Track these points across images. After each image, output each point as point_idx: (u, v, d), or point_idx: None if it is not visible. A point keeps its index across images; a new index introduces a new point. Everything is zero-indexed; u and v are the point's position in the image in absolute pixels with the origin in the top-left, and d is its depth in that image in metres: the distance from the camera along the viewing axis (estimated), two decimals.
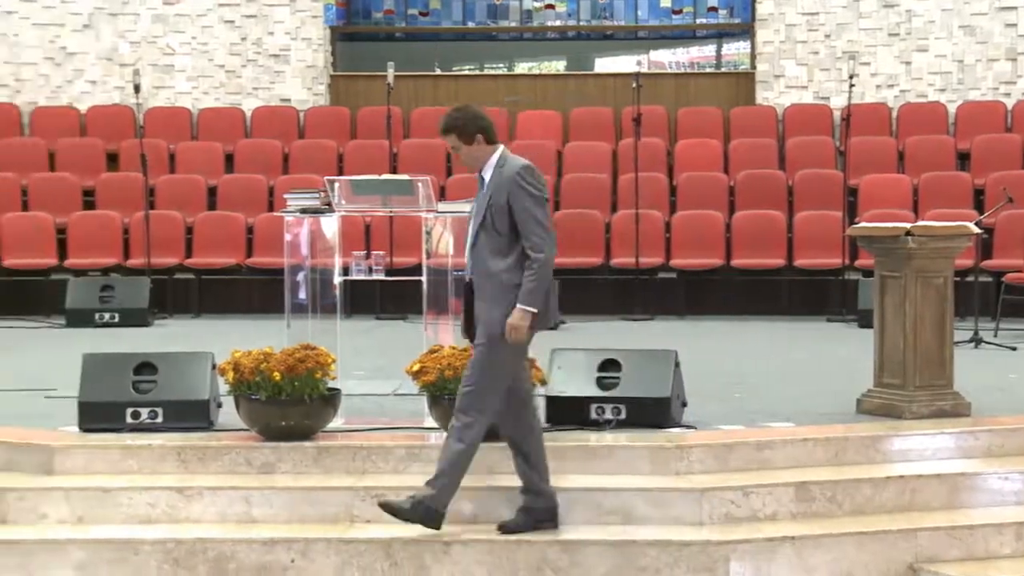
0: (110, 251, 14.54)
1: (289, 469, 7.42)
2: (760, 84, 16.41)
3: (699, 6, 18.22)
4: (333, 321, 8.47)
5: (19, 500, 7.19)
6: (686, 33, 18.78)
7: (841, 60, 15.69)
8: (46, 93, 16.64)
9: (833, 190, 14.64)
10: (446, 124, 6.92)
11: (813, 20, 16.26)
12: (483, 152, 6.88)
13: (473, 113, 6.92)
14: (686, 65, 18.75)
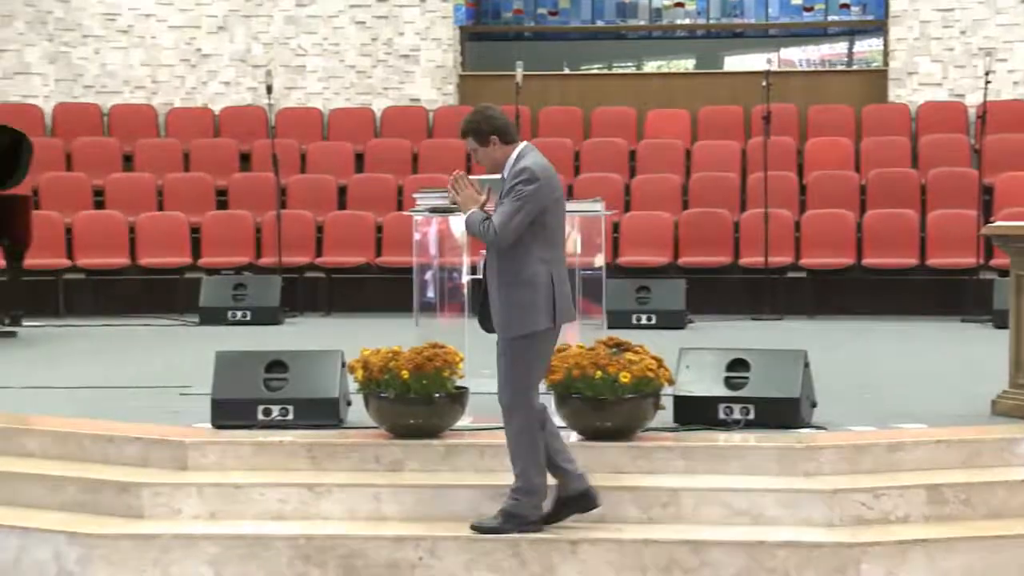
0: (242, 250, 14.73)
1: (417, 467, 7.46)
2: (893, 81, 16.20)
3: (831, 3, 18.02)
4: (461, 319, 8.50)
5: (154, 496, 7.30)
6: (817, 31, 18.58)
7: (977, 57, 15.45)
8: (181, 94, 16.90)
9: (968, 189, 14.42)
10: (463, 127, 6.91)
11: (948, 16, 16.02)
12: (501, 153, 6.83)
13: (488, 114, 6.89)
14: (817, 63, 18.55)
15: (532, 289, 6.71)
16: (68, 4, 16.72)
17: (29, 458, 7.87)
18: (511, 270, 6.73)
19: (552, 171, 6.84)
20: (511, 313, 6.73)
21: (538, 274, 6.71)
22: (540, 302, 6.70)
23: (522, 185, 6.69)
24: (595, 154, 15.83)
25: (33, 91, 16.65)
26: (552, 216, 6.78)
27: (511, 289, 6.73)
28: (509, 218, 6.66)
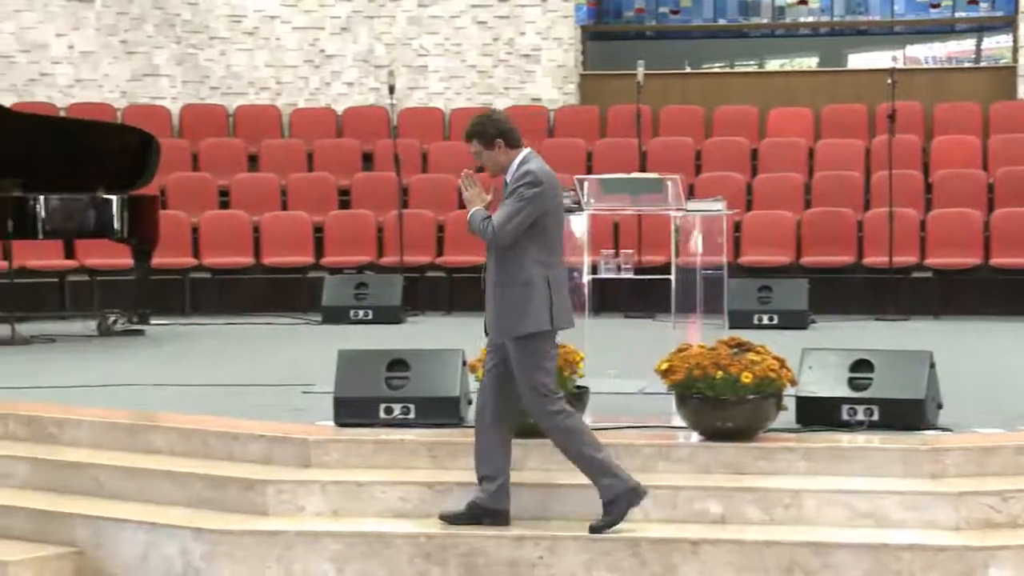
0: (365, 249, 14.84)
1: (537, 465, 7.45)
2: (1022, 78, 15.92)
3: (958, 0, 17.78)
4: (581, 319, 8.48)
5: (278, 493, 7.37)
6: (944, 27, 18.32)
7: None
8: (305, 95, 17.06)
9: None
10: (467, 130, 7.00)
11: None
12: (505, 157, 6.91)
13: (494, 118, 6.98)
14: (943, 60, 18.29)
15: (527, 291, 6.78)
16: (196, 7, 16.96)
17: (156, 454, 7.99)
18: (508, 271, 6.83)
19: (555, 177, 6.91)
20: (506, 314, 6.81)
21: (534, 276, 6.79)
22: (534, 304, 6.77)
23: (524, 188, 6.77)
24: (716, 153, 15.75)
25: (161, 93, 16.90)
26: (552, 220, 6.85)
27: (506, 290, 6.83)
28: (508, 219, 6.76)
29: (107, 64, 16.77)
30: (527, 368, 6.81)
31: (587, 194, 8.61)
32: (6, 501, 7.75)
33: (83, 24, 16.69)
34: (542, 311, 6.78)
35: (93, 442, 8.21)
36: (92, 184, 12.58)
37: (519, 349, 6.81)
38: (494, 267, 6.90)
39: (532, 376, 6.80)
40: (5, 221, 12.05)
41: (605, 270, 8.77)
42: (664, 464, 7.38)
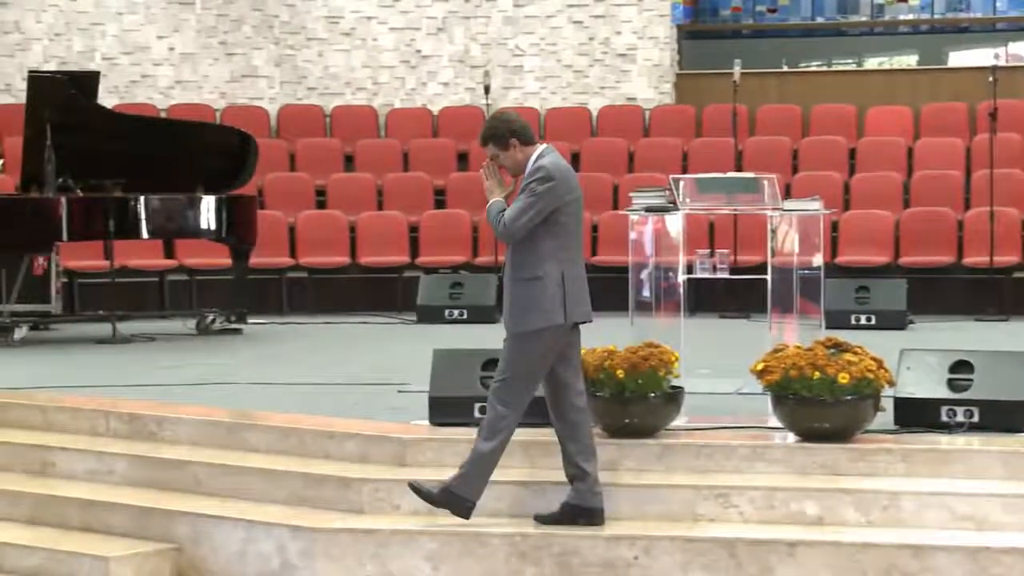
0: (459, 249, 14.88)
1: (633, 466, 7.44)
2: None
3: None
4: (676, 319, 8.45)
5: (374, 491, 7.40)
6: None
7: None
8: (401, 95, 17.14)
9: None
10: (482, 135, 7.05)
11: None
12: (522, 155, 6.96)
13: (504, 118, 7.03)
14: None
15: (540, 286, 6.83)
16: (293, 8, 17.09)
17: (253, 453, 8.06)
18: (522, 266, 6.89)
19: (569, 172, 6.98)
20: (518, 308, 6.87)
21: (548, 272, 6.84)
22: (547, 299, 6.82)
23: (536, 183, 6.83)
24: (813, 152, 15.63)
25: (259, 93, 17.05)
26: (566, 216, 6.90)
27: (520, 285, 6.88)
28: (520, 214, 6.81)
29: (207, 65, 16.94)
30: (520, 361, 6.88)
31: (682, 194, 8.55)
32: (107, 497, 7.86)
33: (183, 26, 16.88)
34: (553, 308, 6.84)
35: (192, 440, 8.30)
36: (191, 184, 12.73)
37: (520, 341, 6.87)
38: (509, 262, 6.99)
39: (523, 370, 6.88)
40: (107, 221, 12.22)
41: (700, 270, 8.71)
42: (760, 465, 7.35)
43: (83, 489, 8.03)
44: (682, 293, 8.50)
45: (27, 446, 8.50)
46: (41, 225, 12.07)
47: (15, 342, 12.00)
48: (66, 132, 12.21)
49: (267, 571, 7.26)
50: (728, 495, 7.12)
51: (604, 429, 7.59)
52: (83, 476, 8.21)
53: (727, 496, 7.12)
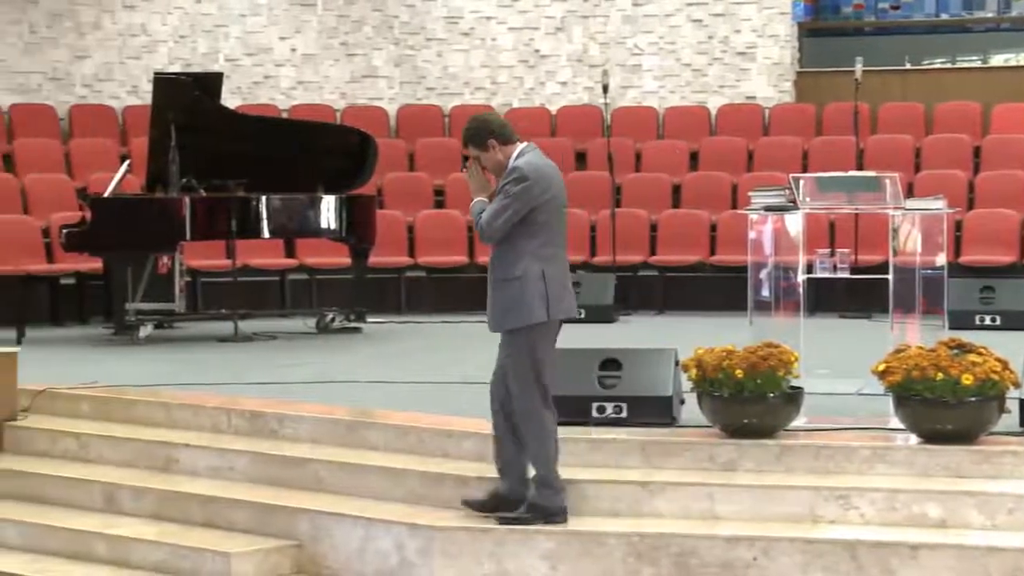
0: (577, 248, 14.80)
1: (751, 467, 7.39)
2: None
3: None
4: (796, 319, 8.39)
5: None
6: None
7: None
8: (519, 95, 17.17)
9: None
10: (463, 138, 7.06)
11: None
12: (502, 154, 7.00)
13: (482, 119, 7.08)
14: None
15: (521, 285, 6.91)
16: (413, 9, 17.19)
17: (373, 451, 8.12)
18: (502, 266, 6.98)
19: (548, 170, 6.99)
20: (501, 308, 6.97)
21: (528, 270, 6.90)
22: (529, 297, 6.89)
23: (511, 184, 6.88)
24: (937, 150, 15.42)
25: (379, 94, 17.17)
26: (544, 214, 6.93)
27: (502, 285, 6.96)
28: (495, 216, 6.89)
29: (328, 66, 17.10)
30: (521, 359, 6.97)
31: (802, 193, 8.48)
32: (228, 494, 7.95)
33: (305, 28, 17.05)
34: (536, 305, 6.90)
35: (312, 437, 8.37)
36: (312, 184, 12.85)
37: (513, 342, 6.98)
38: (491, 262, 7.05)
39: (527, 367, 6.96)
40: (229, 221, 12.38)
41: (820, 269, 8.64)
42: (882, 466, 7.27)
43: (206, 485, 8.14)
44: (802, 293, 8.43)
45: (151, 443, 8.63)
46: (166, 225, 12.25)
47: (140, 340, 12.20)
48: (190, 133, 12.39)
49: (385, 568, 7.31)
50: (849, 496, 7.05)
51: (722, 429, 7.55)
52: (205, 473, 8.32)
53: (847, 497, 7.06)
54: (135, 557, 7.69)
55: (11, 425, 9.16)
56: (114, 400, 9.27)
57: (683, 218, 14.91)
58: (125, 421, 9.08)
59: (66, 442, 8.92)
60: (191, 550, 7.51)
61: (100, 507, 8.27)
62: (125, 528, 7.89)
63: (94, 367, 10.63)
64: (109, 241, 12.29)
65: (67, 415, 9.31)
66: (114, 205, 12.44)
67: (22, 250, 13.70)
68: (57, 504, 8.39)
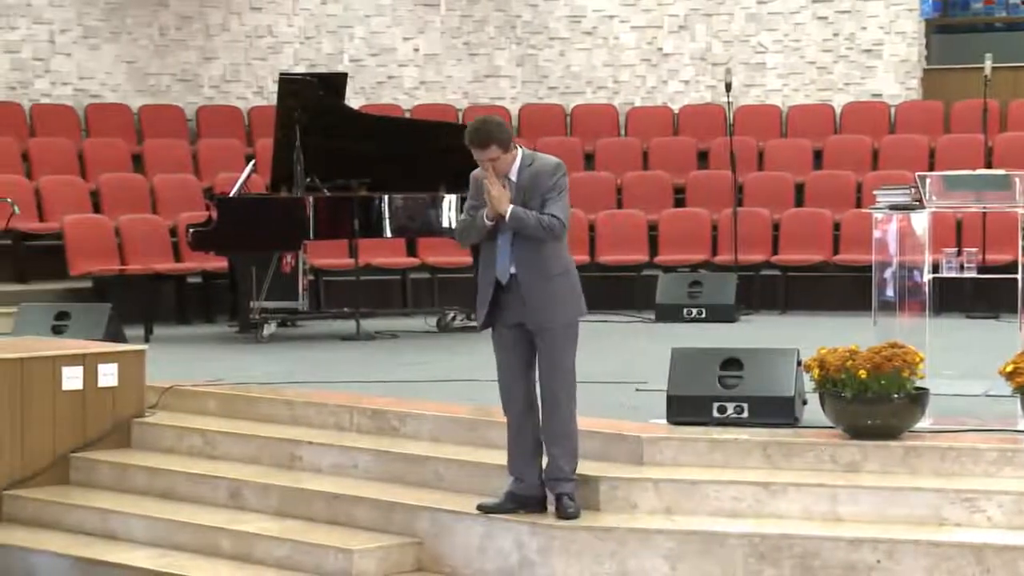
0: (699, 248, 14.80)
1: (875, 468, 7.31)
2: None
3: None
4: (921, 319, 8.28)
5: (611, 490, 7.41)
6: None
7: None
8: (642, 94, 17.13)
9: None
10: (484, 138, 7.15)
11: None
12: (512, 157, 7.16)
13: (498, 121, 7.23)
14: None
15: (571, 278, 7.19)
16: (536, 8, 17.22)
17: (493, 449, 8.12)
18: (558, 260, 7.14)
19: None
20: (563, 301, 7.12)
21: (571, 264, 7.26)
22: (579, 290, 7.23)
23: (563, 178, 7.14)
24: None
25: (501, 93, 17.22)
26: None
27: (556, 279, 7.11)
28: (564, 211, 7.11)
29: (450, 66, 17.18)
30: (572, 352, 7.20)
31: (929, 191, 8.37)
32: (351, 491, 8.01)
33: (428, 28, 17.15)
34: (582, 297, 7.23)
35: (433, 435, 8.42)
36: (434, 184, 12.91)
37: (570, 334, 7.16)
38: (539, 258, 7.09)
39: (573, 360, 7.21)
40: (352, 220, 12.47)
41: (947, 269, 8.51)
42: (1009, 469, 7.15)
43: (328, 482, 8.20)
44: (927, 292, 8.32)
45: (275, 440, 8.72)
46: (289, 224, 12.38)
47: (264, 338, 12.34)
48: (314, 133, 12.51)
49: (506, 567, 7.32)
50: (975, 499, 6.95)
51: (845, 430, 7.48)
52: (328, 470, 8.40)
53: (974, 500, 6.95)
54: (258, 553, 7.78)
55: (139, 421, 9.31)
56: (239, 397, 9.38)
57: (806, 217, 14.78)
58: (249, 418, 9.18)
59: (192, 438, 9.04)
60: (314, 547, 7.58)
61: (225, 503, 8.37)
62: (249, 524, 7.98)
63: (219, 365, 10.77)
64: (234, 240, 12.45)
65: (193, 412, 9.43)
66: (239, 205, 12.60)
67: (150, 249, 13.93)
68: (183, 500, 8.51)
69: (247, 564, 7.75)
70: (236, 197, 12.67)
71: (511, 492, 7.35)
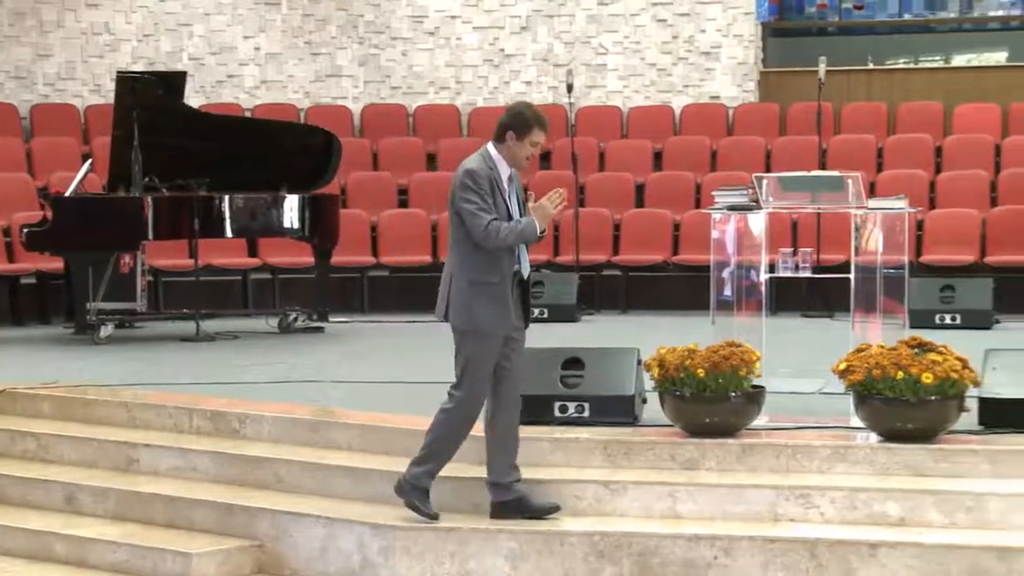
0: (541, 248, 14.82)
1: (713, 466, 7.41)
2: None
3: None
4: (758, 318, 8.41)
5: (454, 490, 7.39)
6: None
7: None
8: (484, 94, 17.16)
9: None
10: (546, 126, 7.40)
11: None
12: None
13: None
14: None
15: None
16: (378, 8, 17.15)
17: (336, 450, 8.10)
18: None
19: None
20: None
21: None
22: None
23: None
24: (899, 150, 15.50)
25: (343, 93, 17.13)
26: None
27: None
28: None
29: (292, 65, 17.05)
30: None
31: (765, 192, 8.50)
32: (190, 494, 7.92)
33: (269, 26, 17.00)
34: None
35: (274, 437, 8.35)
36: (275, 184, 12.82)
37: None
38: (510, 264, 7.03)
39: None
40: (192, 220, 12.33)
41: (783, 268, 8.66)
42: (842, 465, 7.29)
43: (167, 485, 8.10)
44: (764, 292, 8.45)
45: (112, 442, 8.59)
46: (127, 224, 12.20)
47: (101, 340, 12.14)
48: (153, 132, 12.34)
49: (347, 568, 7.29)
50: (810, 495, 7.07)
51: (684, 428, 7.56)
52: (167, 472, 8.29)
53: (808, 496, 7.07)
54: (93, 557, 7.65)
55: None
56: (75, 400, 9.22)
57: (647, 217, 14.93)
58: (86, 421, 9.03)
59: (26, 442, 8.87)
60: (151, 550, 7.48)
61: (60, 507, 8.22)
62: (85, 528, 7.85)
63: (55, 367, 10.58)
64: (70, 240, 12.25)
65: (27, 415, 9.26)
66: (75, 204, 12.38)
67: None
68: (17, 504, 8.34)
69: (82, 569, 7.62)
70: (72, 197, 12.44)
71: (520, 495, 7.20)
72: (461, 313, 6.98)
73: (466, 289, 6.96)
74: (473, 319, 6.94)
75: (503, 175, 7.06)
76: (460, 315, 6.98)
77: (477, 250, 6.98)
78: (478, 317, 6.94)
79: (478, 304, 6.94)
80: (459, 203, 7.05)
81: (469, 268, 6.98)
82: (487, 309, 6.93)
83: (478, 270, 6.97)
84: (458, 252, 7.08)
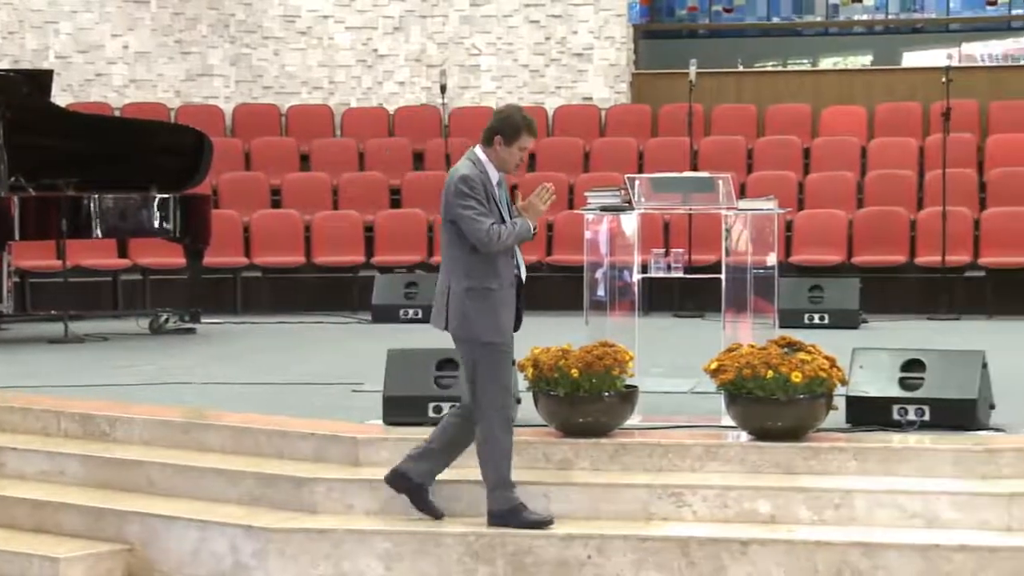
0: (415, 249, 14.86)
1: (587, 465, 7.45)
2: None
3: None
4: (631, 318, 8.46)
5: (327, 491, 7.40)
6: (1000, 25, 18.15)
7: None
8: (357, 95, 17.11)
9: None
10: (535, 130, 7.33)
11: None
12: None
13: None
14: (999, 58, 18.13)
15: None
16: (250, 7, 17.03)
17: (208, 452, 8.03)
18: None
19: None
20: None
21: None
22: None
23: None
24: (769, 152, 15.70)
25: (215, 92, 16.98)
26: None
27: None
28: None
29: (162, 64, 16.86)
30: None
31: (638, 193, 8.56)
32: (58, 498, 7.81)
33: (138, 25, 16.80)
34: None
35: (145, 440, 8.27)
36: (145, 184, 12.68)
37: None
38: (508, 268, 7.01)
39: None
40: (60, 220, 12.15)
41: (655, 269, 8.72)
42: (714, 464, 7.37)
43: (34, 489, 7.98)
44: (637, 292, 8.51)
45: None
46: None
47: None
48: (19, 131, 12.15)
49: (219, 571, 7.24)
50: (682, 494, 7.15)
51: (558, 428, 7.60)
52: (34, 476, 8.16)
53: (680, 495, 7.15)
54: None
55: None
56: None
57: None
58: None
59: None
60: (16, 555, 7.37)
61: None
62: None
63: None
64: None
65: None
66: None
67: None
68: None
69: None
70: None
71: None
72: (462, 323, 6.88)
73: (465, 298, 6.88)
74: (476, 328, 6.85)
75: (493, 179, 7.03)
76: (462, 325, 6.88)
77: (473, 257, 6.88)
78: (481, 326, 6.85)
79: (480, 312, 6.85)
80: (457, 210, 6.88)
81: (467, 276, 6.89)
82: (489, 317, 6.87)
83: (476, 277, 6.88)
84: (454, 260, 6.95)
